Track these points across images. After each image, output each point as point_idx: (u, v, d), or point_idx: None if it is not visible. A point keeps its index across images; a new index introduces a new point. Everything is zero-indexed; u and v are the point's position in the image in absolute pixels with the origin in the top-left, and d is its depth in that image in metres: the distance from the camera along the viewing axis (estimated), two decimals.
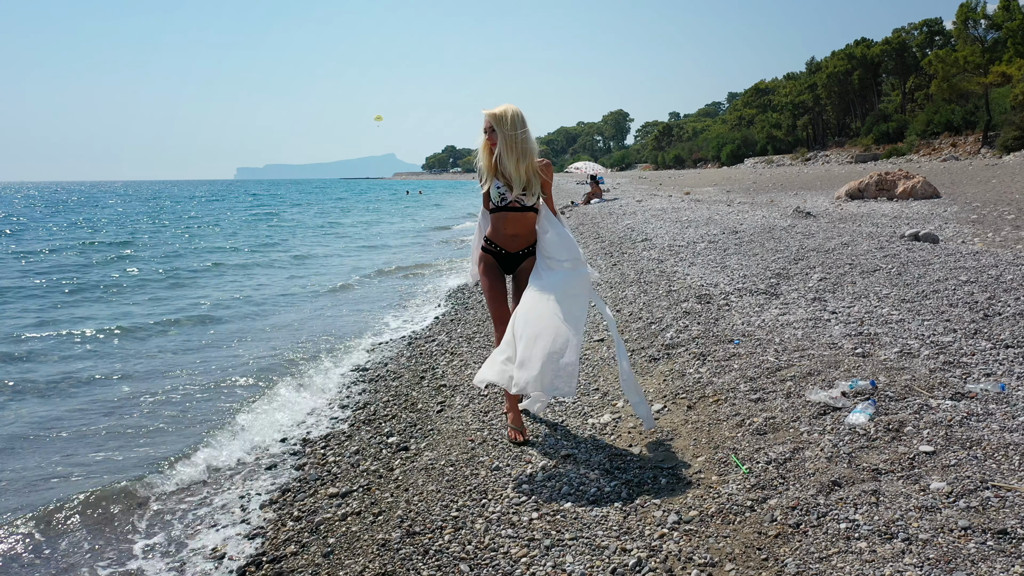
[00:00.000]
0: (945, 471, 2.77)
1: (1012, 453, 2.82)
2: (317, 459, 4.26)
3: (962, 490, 2.61)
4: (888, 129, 61.23)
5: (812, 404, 3.66)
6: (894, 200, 18.50)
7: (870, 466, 2.94)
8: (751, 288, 6.73)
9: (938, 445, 2.98)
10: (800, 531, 2.64)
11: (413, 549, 2.92)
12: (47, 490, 4.05)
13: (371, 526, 3.23)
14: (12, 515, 3.71)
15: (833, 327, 5.07)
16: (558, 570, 2.68)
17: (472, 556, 2.83)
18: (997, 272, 6.14)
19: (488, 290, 4.09)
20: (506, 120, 3.77)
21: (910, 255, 7.43)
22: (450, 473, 3.66)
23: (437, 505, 3.30)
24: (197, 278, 12.99)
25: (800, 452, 3.21)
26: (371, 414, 4.97)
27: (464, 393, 5.13)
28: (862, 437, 3.20)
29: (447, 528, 3.06)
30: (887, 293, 5.93)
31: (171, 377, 6.25)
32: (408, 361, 6.38)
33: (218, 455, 4.43)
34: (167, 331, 8.21)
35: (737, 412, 3.83)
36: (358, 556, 2.97)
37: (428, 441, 4.27)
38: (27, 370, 6.58)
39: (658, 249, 10.31)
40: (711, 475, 3.28)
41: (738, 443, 3.48)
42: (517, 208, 3.93)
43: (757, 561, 2.54)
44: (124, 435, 4.88)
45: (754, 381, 4.20)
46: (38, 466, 4.39)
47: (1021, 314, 4.82)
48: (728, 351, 4.86)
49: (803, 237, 9.54)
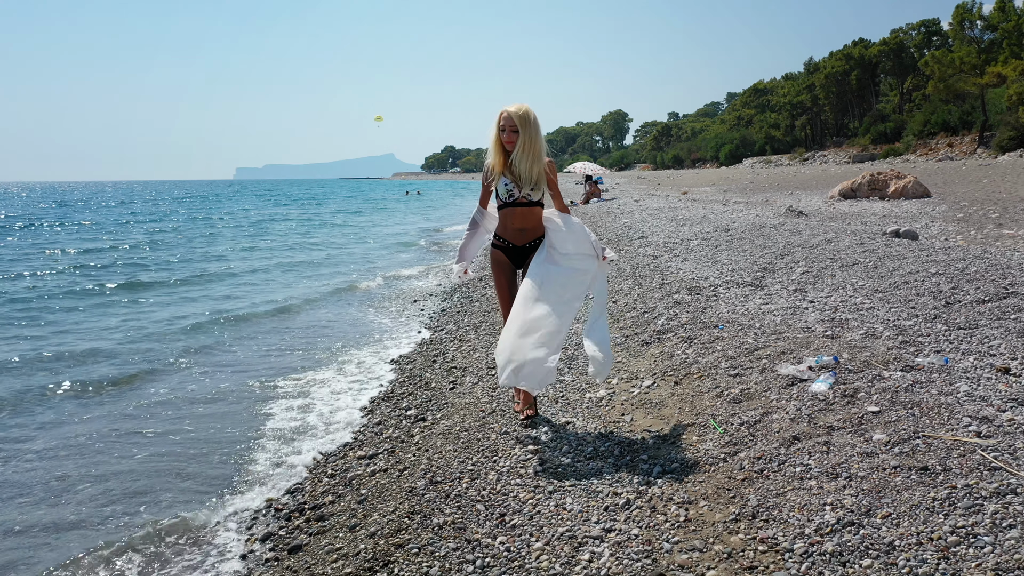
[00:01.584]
0: (886, 426, 3.28)
1: (943, 411, 3.33)
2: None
3: (897, 439, 3.12)
4: (886, 129, 61.76)
5: (782, 377, 4.17)
6: (886, 199, 18.98)
7: (826, 424, 3.44)
8: (738, 281, 7.24)
9: (883, 406, 3.48)
10: (763, 475, 3.14)
11: (436, 494, 3.43)
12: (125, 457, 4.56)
13: (398, 479, 3.75)
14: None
15: (809, 314, 5.58)
16: (560, 508, 3.19)
17: (487, 499, 3.33)
18: (964, 265, 6.64)
19: (498, 285, 4.25)
20: (529, 121, 3.89)
21: (887, 250, 7.94)
22: (465, 437, 4.17)
23: (455, 461, 3.81)
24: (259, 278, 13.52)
25: (768, 415, 3.72)
26: (389, 392, 5.49)
27: (473, 373, 5.64)
28: (822, 402, 3.71)
29: (464, 478, 3.57)
30: (862, 284, 6.43)
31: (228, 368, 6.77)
32: (420, 347, 6.89)
33: (262, 427, 4.94)
34: (231, 325, 8.73)
35: (717, 385, 4.34)
36: (389, 501, 3.48)
37: (443, 413, 4.78)
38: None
39: (653, 246, 10.82)
40: (692, 436, 3.78)
41: (717, 410, 3.99)
42: (524, 203, 4.06)
43: (726, 498, 3.05)
44: (189, 402, 5.39)
45: (734, 360, 4.70)
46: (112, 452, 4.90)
47: (978, 301, 5.33)
48: (713, 335, 5.37)
49: (790, 234, 10.06)
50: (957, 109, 52.61)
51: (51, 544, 3.57)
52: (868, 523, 2.59)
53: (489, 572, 2.74)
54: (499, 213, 4.20)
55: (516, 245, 4.19)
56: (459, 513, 3.21)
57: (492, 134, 4.01)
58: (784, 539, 2.64)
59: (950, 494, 2.63)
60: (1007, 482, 2.64)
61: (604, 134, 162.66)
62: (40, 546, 3.56)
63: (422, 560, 2.86)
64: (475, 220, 4.35)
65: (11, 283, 12.47)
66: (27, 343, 7.83)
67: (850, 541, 2.51)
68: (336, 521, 3.46)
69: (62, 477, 4.31)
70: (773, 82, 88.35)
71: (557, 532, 2.96)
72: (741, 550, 2.65)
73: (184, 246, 19.96)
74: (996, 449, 2.90)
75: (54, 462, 4.55)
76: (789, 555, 2.54)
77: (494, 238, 4.27)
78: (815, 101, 73.82)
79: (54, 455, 4.65)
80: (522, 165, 3.93)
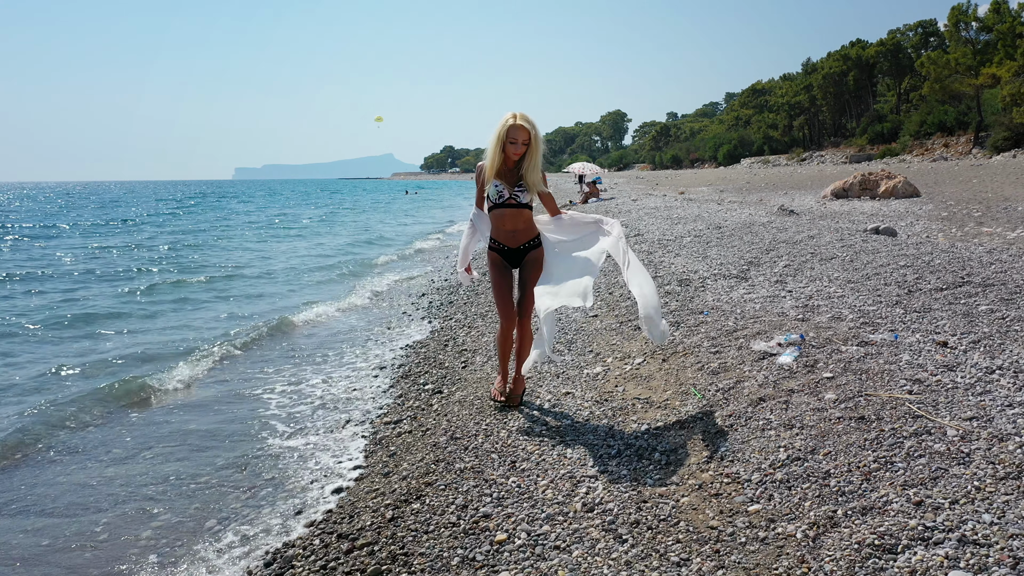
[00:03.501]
0: (837, 388, 3.89)
1: (886, 376, 3.93)
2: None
3: (844, 397, 3.72)
4: (883, 129, 62.36)
5: (755, 352, 4.77)
6: (876, 199, 19.58)
7: (787, 388, 4.05)
8: (725, 273, 7.85)
9: (836, 372, 4.09)
10: (732, 428, 3.75)
11: (456, 447, 4.04)
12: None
13: (422, 437, 4.36)
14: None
15: (786, 301, 6.18)
16: (562, 457, 3.79)
17: (500, 450, 3.94)
18: (930, 258, 7.25)
19: (495, 285, 4.43)
20: (538, 134, 4.13)
21: (864, 245, 8.54)
22: (478, 404, 4.78)
23: (470, 423, 4.42)
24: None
25: (741, 383, 4.32)
26: (407, 372, 6.10)
27: (483, 354, 6.25)
28: (787, 371, 4.31)
29: (480, 435, 4.18)
30: (837, 276, 7.04)
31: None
32: (432, 335, 7.50)
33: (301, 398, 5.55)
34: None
35: (699, 361, 4.94)
36: (416, 453, 4.09)
37: (457, 386, 5.39)
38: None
39: (648, 243, 11.42)
40: (675, 401, 4.39)
41: (697, 381, 4.59)
42: (513, 204, 4.24)
43: (701, 446, 3.65)
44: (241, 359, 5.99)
45: (715, 340, 5.31)
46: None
47: (936, 289, 5.93)
48: (698, 320, 5.97)
49: (777, 231, 10.67)
50: (953, 110, 53.24)
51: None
52: (812, 459, 3.19)
53: (504, 502, 3.34)
54: (490, 215, 4.36)
55: (510, 248, 4.40)
56: (477, 461, 3.82)
57: (494, 139, 4.11)
58: (745, 473, 3.24)
59: (878, 435, 3.24)
60: (925, 425, 3.25)
61: (603, 134, 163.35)
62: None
63: (448, 494, 3.47)
64: (472, 222, 4.57)
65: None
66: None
67: (796, 471, 3.12)
68: (371, 471, 4.07)
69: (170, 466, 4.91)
70: (771, 82, 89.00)
71: (559, 473, 3.57)
72: (710, 482, 3.26)
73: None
74: (921, 403, 3.50)
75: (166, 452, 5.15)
76: (747, 483, 3.15)
77: (489, 241, 4.46)
78: (813, 101, 74.45)
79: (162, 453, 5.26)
80: (530, 175, 4.17)
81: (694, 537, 2.86)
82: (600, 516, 3.12)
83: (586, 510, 3.20)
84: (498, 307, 4.41)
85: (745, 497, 3.05)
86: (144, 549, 3.52)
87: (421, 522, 3.23)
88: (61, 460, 4.65)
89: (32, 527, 3.78)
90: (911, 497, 2.72)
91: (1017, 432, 3.06)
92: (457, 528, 3.15)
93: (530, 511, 3.23)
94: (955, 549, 2.37)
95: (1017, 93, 43.30)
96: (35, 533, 3.73)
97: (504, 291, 4.37)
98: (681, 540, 2.86)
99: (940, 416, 3.33)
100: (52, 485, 4.27)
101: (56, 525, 3.80)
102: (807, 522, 2.74)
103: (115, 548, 3.54)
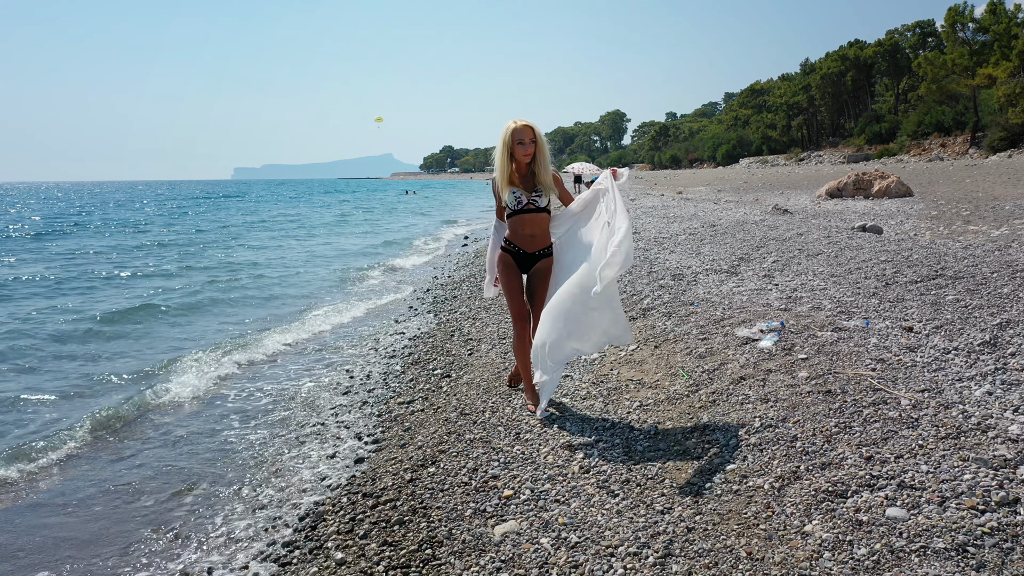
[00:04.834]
0: (809, 367, 4.31)
1: (854, 356, 4.35)
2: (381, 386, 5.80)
3: (815, 375, 4.14)
4: (881, 130, 62.82)
5: (739, 338, 5.19)
6: (870, 199, 20.00)
7: (766, 368, 4.47)
8: (716, 268, 8.27)
9: (810, 354, 4.51)
10: (714, 404, 4.17)
11: (466, 421, 4.46)
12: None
13: (433, 414, 4.78)
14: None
15: (772, 294, 6.60)
16: (561, 430, 4.21)
17: (505, 424, 4.37)
18: (909, 254, 7.67)
19: (506, 287, 4.47)
20: (540, 133, 4.23)
21: (849, 242, 8.97)
22: (484, 385, 5.20)
23: (478, 401, 4.84)
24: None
25: (724, 365, 4.74)
26: (417, 359, 6.52)
27: (488, 342, 6.67)
28: (766, 354, 4.73)
29: (487, 411, 4.61)
30: (821, 270, 7.45)
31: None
32: (438, 326, 7.93)
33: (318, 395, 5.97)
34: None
35: (688, 347, 5.36)
36: (429, 427, 4.52)
37: (465, 371, 5.81)
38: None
39: (644, 240, 11.84)
40: (664, 382, 4.81)
41: (685, 364, 5.01)
42: (532, 209, 4.33)
43: (686, 419, 4.07)
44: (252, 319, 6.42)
45: (703, 328, 5.73)
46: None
47: (911, 282, 6.35)
48: (689, 311, 6.39)
49: (768, 229, 11.09)
50: (951, 110, 53.70)
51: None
52: (782, 426, 3.61)
53: (510, 466, 3.77)
54: (509, 221, 4.41)
55: (526, 252, 4.44)
56: (484, 432, 4.25)
57: (501, 148, 4.20)
58: (723, 439, 3.67)
59: (841, 406, 3.66)
60: (883, 396, 3.67)
61: (602, 134, 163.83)
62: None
63: (460, 459, 3.89)
64: (495, 234, 4.62)
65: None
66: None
67: (767, 436, 3.54)
68: (389, 443, 4.50)
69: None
70: (770, 83, 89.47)
71: (559, 442, 4.00)
72: (693, 448, 3.68)
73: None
74: (882, 378, 3.92)
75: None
76: (725, 448, 3.57)
77: (504, 243, 4.49)
78: (811, 101, 74.92)
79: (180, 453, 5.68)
80: (542, 175, 4.28)
81: (676, 491, 3.28)
82: (595, 476, 3.54)
83: (583, 472, 3.62)
84: (510, 307, 4.47)
85: (722, 459, 3.47)
86: (188, 512, 3.95)
87: (437, 482, 3.66)
88: (114, 445, 5.08)
89: (104, 491, 4.21)
90: (863, 454, 3.14)
91: (962, 401, 3.49)
92: (469, 487, 3.57)
93: (533, 472, 3.65)
94: (894, 492, 2.79)
95: (1013, 93, 43.77)
96: (89, 503, 4.16)
97: (516, 292, 4.46)
98: (665, 494, 3.28)
99: (897, 389, 3.75)
100: (115, 466, 4.70)
101: (109, 493, 4.22)
102: (774, 476, 3.16)
103: (162, 510, 3.97)
